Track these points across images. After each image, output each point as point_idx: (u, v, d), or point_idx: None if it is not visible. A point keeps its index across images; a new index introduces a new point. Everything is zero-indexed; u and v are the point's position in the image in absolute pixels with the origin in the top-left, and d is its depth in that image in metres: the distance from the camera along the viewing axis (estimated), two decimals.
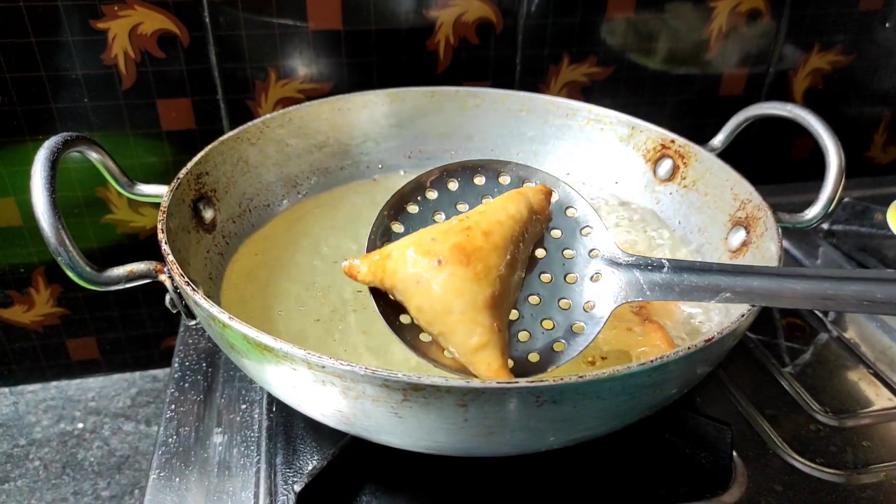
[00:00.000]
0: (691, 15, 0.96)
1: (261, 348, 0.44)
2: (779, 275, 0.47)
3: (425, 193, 0.55)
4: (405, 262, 0.46)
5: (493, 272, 0.46)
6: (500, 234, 0.47)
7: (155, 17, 0.81)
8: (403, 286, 0.46)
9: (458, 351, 0.46)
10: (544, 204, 0.52)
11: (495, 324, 0.45)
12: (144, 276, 0.51)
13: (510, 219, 0.48)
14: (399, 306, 0.48)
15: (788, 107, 0.66)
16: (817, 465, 0.61)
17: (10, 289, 0.94)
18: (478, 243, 0.46)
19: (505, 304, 0.47)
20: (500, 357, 0.45)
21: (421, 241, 0.47)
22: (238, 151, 0.70)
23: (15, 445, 0.93)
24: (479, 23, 0.90)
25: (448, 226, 0.48)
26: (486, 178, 0.55)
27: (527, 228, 0.50)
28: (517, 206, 0.50)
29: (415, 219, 0.54)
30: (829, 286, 0.45)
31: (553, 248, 0.53)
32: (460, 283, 0.45)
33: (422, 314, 0.46)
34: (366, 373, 0.40)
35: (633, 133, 0.77)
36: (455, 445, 0.47)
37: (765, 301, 0.46)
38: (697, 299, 0.48)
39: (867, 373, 0.72)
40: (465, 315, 0.45)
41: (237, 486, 0.57)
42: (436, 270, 0.45)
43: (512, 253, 0.48)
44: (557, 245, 0.53)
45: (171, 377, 0.68)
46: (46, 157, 0.49)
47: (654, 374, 0.43)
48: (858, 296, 0.44)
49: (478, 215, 0.49)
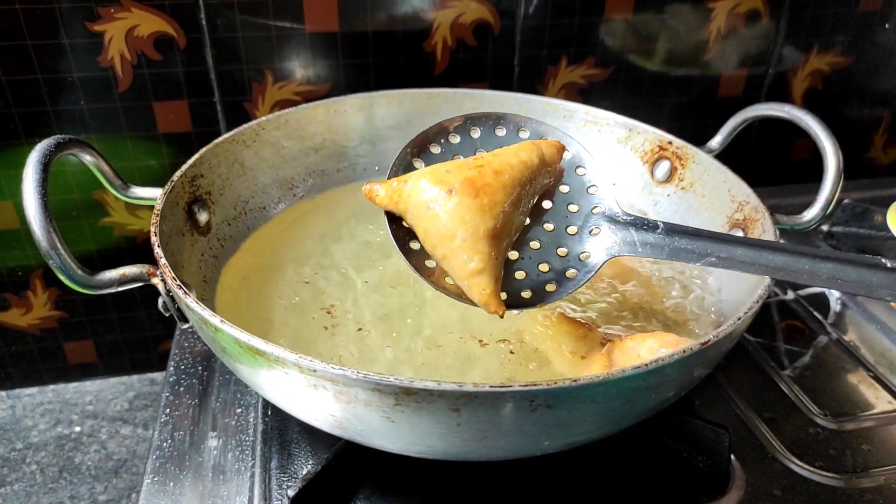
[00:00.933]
0: (690, 16, 0.96)
1: (252, 352, 0.43)
2: (762, 246, 0.50)
3: (448, 137, 0.57)
4: (419, 188, 0.50)
5: (498, 207, 0.49)
6: (510, 175, 0.50)
7: (151, 20, 0.80)
8: (416, 210, 0.50)
9: (456, 275, 0.49)
10: (556, 157, 0.55)
11: (493, 253, 0.49)
12: (137, 280, 0.51)
13: (521, 163, 0.51)
14: (410, 233, 0.52)
15: (786, 108, 0.66)
16: (816, 468, 0.60)
17: (7, 292, 0.94)
18: (487, 179, 0.49)
19: (505, 239, 0.51)
20: (493, 283, 0.49)
21: (436, 171, 0.50)
22: (233, 154, 0.70)
23: (12, 449, 0.93)
24: (477, 24, 0.89)
25: (463, 162, 0.52)
26: (507, 131, 0.58)
27: (535, 175, 0.53)
28: (529, 153, 0.53)
29: (436, 158, 0.56)
30: (807, 262, 0.48)
31: (560, 202, 0.56)
32: (465, 212, 0.48)
33: (428, 237, 0.50)
34: (357, 377, 0.40)
35: (630, 135, 0.77)
36: (448, 450, 0.46)
37: (745, 268, 0.49)
38: (685, 260, 0.51)
39: (867, 376, 0.71)
40: (467, 242, 0.48)
41: (232, 490, 0.56)
42: (445, 198, 0.49)
43: (518, 194, 0.51)
44: (564, 199, 0.56)
45: (167, 381, 0.68)
46: (38, 159, 0.49)
47: (650, 377, 0.43)
48: (833, 273, 0.47)
49: (492, 156, 0.52)
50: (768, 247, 0.49)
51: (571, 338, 0.57)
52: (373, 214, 0.73)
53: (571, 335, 0.57)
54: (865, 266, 0.47)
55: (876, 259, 0.48)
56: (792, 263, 0.48)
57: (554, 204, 0.56)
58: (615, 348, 0.54)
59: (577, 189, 0.56)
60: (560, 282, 0.53)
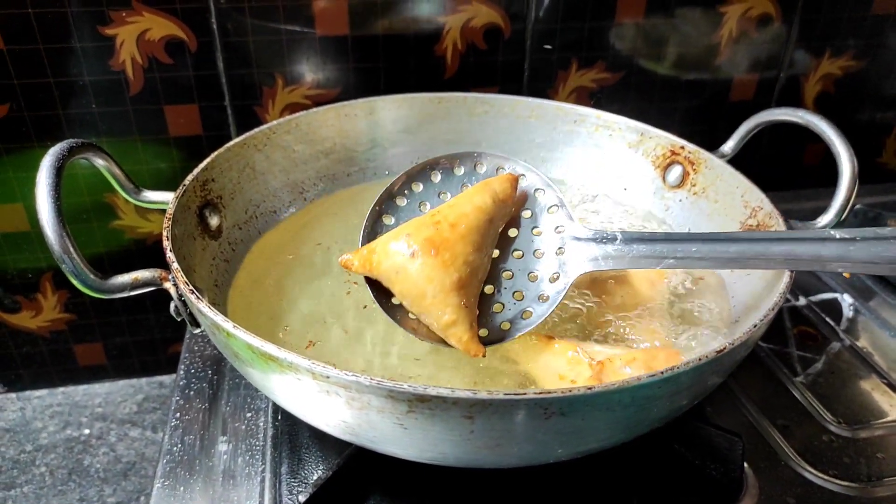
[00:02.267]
0: (701, 20, 0.95)
1: (265, 358, 0.43)
2: (715, 240, 0.52)
3: (412, 186, 0.60)
4: (386, 255, 0.53)
5: (460, 259, 0.52)
6: (466, 225, 0.53)
7: (163, 23, 0.81)
8: (387, 275, 0.53)
9: (435, 327, 0.52)
10: (510, 191, 0.57)
11: (463, 301, 0.52)
12: (149, 284, 0.51)
13: (476, 209, 0.54)
14: (389, 291, 0.54)
15: (800, 113, 0.65)
16: (830, 476, 0.60)
17: (18, 294, 0.94)
18: (445, 235, 0.52)
19: (473, 283, 0.53)
20: (468, 331, 0.52)
21: (398, 236, 0.53)
22: (244, 158, 0.70)
23: (21, 451, 0.93)
24: (487, 28, 0.89)
25: (422, 220, 0.54)
26: (465, 168, 0.61)
27: (493, 216, 0.55)
28: (482, 197, 0.55)
29: (404, 210, 0.59)
30: (759, 246, 0.50)
31: (525, 227, 0.58)
32: (430, 271, 0.51)
33: (403, 298, 0.53)
34: (371, 383, 0.40)
35: (642, 139, 0.76)
36: (461, 457, 0.46)
37: (702, 264, 0.51)
38: (645, 266, 0.53)
39: (881, 382, 0.70)
40: (437, 297, 0.51)
41: (242, 495, 0.56)
42: (410, 261, 0.51)
43: (478, 239, 0.54)
44: (528, 224, 0.58)
45: (177, 385, 0.68)
46: (52, 163, 0.49)
47: (665, 385, 0.42)
48: (786, 253, 0.49)
49: (447, 209, 0.54)
50: (722, 239, 0.51)
51: (561, 360, 0.55)
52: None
53: (561, 357, 0.55)
54: (816, 240, 0.49)
55: (825, 232, 0.49)
56: (746, 251, 0.50)
57: (520, 231, 0.58)
58: (605, 370, 0.52)
59: (539, 211, 0.58)
60: (534, 307, 0.54)
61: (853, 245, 0.48)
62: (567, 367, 0.53)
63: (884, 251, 0.47)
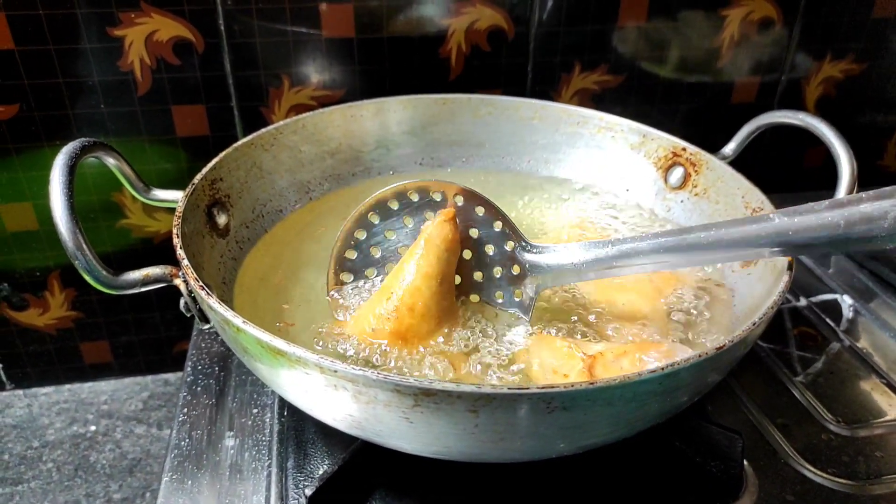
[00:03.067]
0: (703, 23, 0.96)
1: (274, 353, 0.44)
2: (654, 237, 0.53)
3: (356, 236, 0.61)
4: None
5: (426, 336, 0.56)
6: (423, 300, 0.56)
7: (171, 25, 0.82)
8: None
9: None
10: (451, 231, 0.58)
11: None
12: (160, 280, 0.52)
13: (426, 277, 0.56)
14: None
15: (801, 115, 0.66)
16: (829, 475, 0.60)
17: (25, 292, 0.95)
18: (407, 322, 0.55)
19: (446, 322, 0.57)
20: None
21: (363, 332, 0.56)
22: (252, 157, 0.71)
23: (28, 447, 0.94)
24: (491, 30, 0.90)
25: (380, 304, 0.56)
26: (399, 203, 0.61)
27: (444, 266, 0.57)
28: (428, 260, 0.56)
29: (356, 262, 0.62)
30: (690, 236, 0.51)
31: (479, 246, 0.60)
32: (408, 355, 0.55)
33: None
34: (378, 378, 0.41)
35: (644, 141, 0.77)
36: (465, 451, 0.47)
37: (643, 266, 0.54)
38: (594, 277, 0.56)
39: (880, 382, 0.71)
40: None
41: (248, 489, 0.57)
42: (386, 356, 0.55)
43: (439, 301, 0.56)
44: (479, 242, 0.60)
45: (184, 381, 0.69)
46: (65, 162, 0.50)
47: (665, 381, 0.43)
48: (716, 239, 0.50)
49: (400, 288, 0.56)
50: (660, 235, 0.52)
51: (555, 354, 0.55)
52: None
53: (555, 351, 0.56)
54: (750, 223, 0.49)
55: (762, 215, 0.50)
56: (679, 243, 0.51)
57: (474, 252, 0.60)
58: (597, 364, 0.53)
59: (485, 230, 0.59)
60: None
61: (794, 218, 0.48)
62: (560, 362, 0.54)
63: (817, 220, 0.47)
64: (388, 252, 0.62)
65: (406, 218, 0.61)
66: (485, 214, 0.59)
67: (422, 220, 0.60)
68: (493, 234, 0.59)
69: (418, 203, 0.60)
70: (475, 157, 0.85)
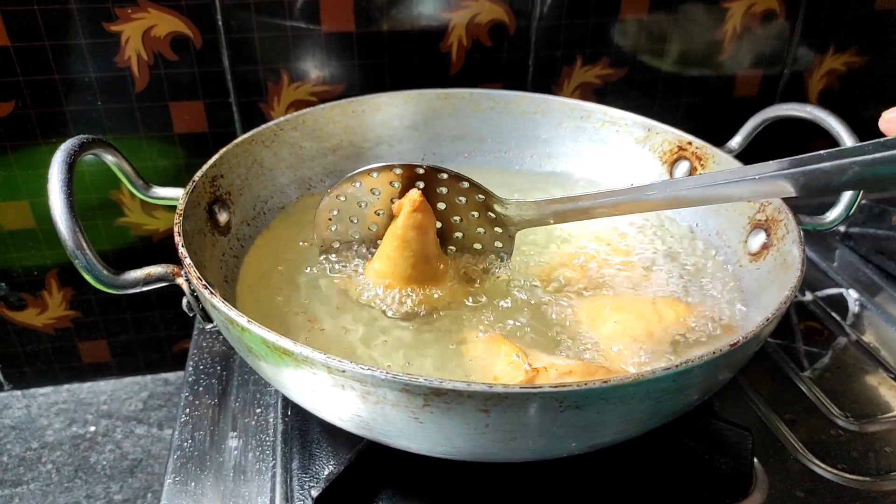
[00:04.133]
0: (705, 16, 0.95)
1: (279, 352, 0.43)
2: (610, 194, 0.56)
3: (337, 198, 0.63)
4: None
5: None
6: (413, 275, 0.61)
7: (168, 20, 0.80)
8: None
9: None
10: (421, 218, 0.61)
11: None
12: (162, 279, 0.51)
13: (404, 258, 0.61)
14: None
15: (808, 108, 0.66)
16: (839, 470, 0.60)
17: (23, 291, 0.94)
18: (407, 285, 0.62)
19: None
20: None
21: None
22: (252, 154, 0.70)
23: (27, 448, 0.93)
24: (492, 24, 0.89)
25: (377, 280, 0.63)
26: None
27: (422, 247, 0.61)
28: (404, 252, 0.61)
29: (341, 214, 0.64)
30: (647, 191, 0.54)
31: (451, 214, 0.63)
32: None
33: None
34: (387, 377, 0.40)
35: (649, 135, 0.77)
36: (475, 451, 0.46)
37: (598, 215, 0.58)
38: (569, 220, 0.60)
39: (887, 377, 0.71)
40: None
41: (253, 490, 0.56)
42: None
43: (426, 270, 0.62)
44: (454, 204, 0.63)
45: (186, 381, 0.68)
46: (63, 159, 0.49)
47: (679, 378, 0.43)
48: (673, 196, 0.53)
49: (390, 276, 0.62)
50: (614, 194, 0.55)
51: (503, 361, 0.54)
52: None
53: (503, 358, 0.54)
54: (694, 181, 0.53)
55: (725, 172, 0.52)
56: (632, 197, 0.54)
57: (447, 208, 0.63)
58: (538, 378, 0.51)
59: (454, 188, 0.62)
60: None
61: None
62: (504, 370, 0.53)
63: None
64: (363, 218, 0.64)
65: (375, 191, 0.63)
66: (449, 179, 0.61)
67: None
68: (463, 198, 0.62)
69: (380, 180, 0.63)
70: (477, 152, 0.84)
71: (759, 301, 0.60)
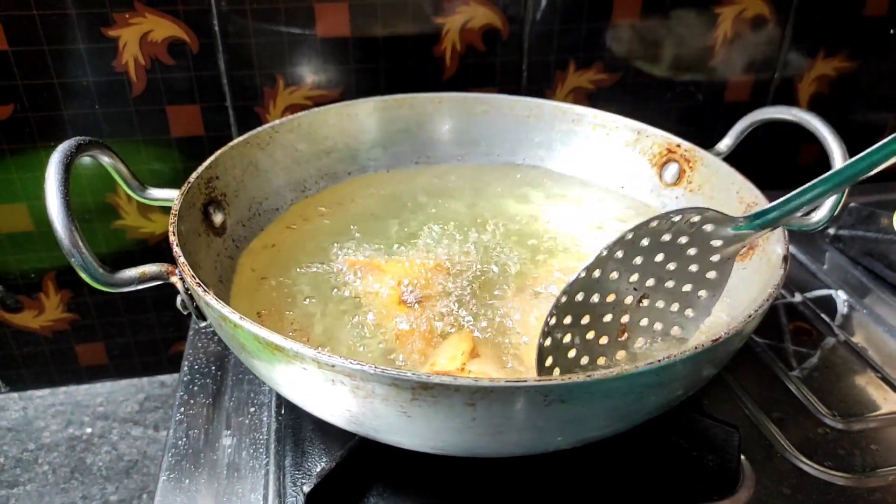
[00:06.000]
0: (696, 21, 0.96)
1: (271, 348, 0.44)
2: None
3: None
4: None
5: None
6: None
7: (165, 25, 0.82)
8: None
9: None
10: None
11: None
12: (156, 278, 0.52)
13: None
14: None
15: (794, 111, 0.67)
16: (825, 468, 0.60)
17: (20, 294, 0.95)
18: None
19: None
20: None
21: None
22: (248, 156, 0.71)
23: (24, 450, 0.93)
24: (486, 29, 0.90)
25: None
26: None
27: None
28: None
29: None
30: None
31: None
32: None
33: None
34: (375, 372, 0.41)
35: (638, 138, 0.78)
36: (463, 445, 0.47)
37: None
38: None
39: (875, 377, 0.72)
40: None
41: (246, 487, 0.57)
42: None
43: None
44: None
45: (181, 381, 0.68)
46: (60, 160, 0.50)
47: (662, 373, 0.43)
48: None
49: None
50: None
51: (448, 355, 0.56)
52: (384, 210, 0.74)
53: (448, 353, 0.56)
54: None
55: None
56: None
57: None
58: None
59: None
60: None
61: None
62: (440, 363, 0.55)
63: None
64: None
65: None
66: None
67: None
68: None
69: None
70: (471, 156, 0.85)
71: (744, 300, 0.60)
